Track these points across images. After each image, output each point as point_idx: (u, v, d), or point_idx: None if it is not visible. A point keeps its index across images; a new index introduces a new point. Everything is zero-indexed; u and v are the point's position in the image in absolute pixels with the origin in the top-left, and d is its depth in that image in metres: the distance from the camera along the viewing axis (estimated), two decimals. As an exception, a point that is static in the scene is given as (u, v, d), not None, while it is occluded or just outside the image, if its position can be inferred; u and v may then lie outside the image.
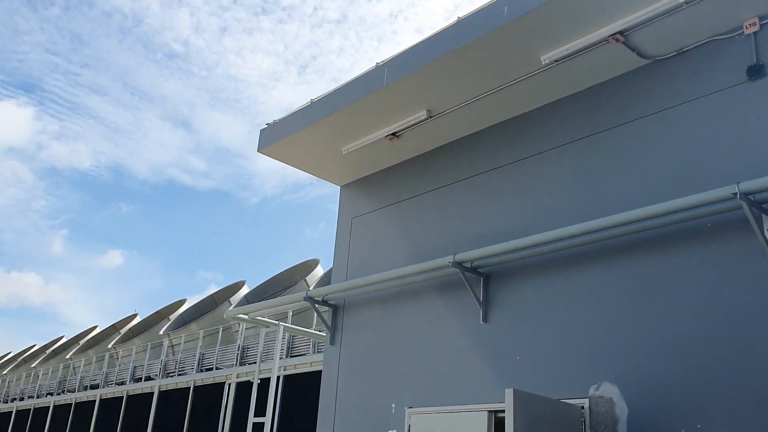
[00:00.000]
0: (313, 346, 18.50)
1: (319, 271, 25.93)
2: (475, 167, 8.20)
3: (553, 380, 6.65)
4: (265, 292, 28.07)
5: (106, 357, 29.80)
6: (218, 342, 22.79)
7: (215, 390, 21.48)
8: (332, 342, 9.31)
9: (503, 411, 7.19)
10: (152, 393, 24.56)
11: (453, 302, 7.82)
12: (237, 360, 21.07)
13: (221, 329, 23.39)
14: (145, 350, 28.39)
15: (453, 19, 7.25)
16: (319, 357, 18.32)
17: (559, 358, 6.70)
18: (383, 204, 9.31)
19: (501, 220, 7.75)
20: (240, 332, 21.77)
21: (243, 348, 21.20)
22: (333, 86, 8.56)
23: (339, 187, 10.18)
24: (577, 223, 6.72)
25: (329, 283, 9.64)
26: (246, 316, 10.84)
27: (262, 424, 10.99)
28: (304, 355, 19.14)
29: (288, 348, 19.20)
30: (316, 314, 19.10)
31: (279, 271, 26.86)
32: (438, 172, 8.63)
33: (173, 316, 33.20)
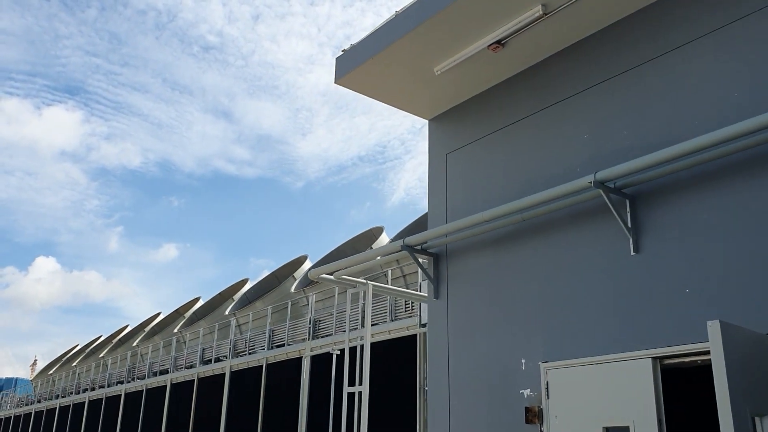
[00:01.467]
0: (390, 312, 17.38)
1: (384, 239, 24.75)
2: (602, 72, 6.81)
3: (741, 312, 5.29)
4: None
5: (174, 341, 29.29)
6: (288, 317, 21.86)
7: (288, 366, 20.61)
8: (437, 295, 8.09)
9: (671, 357, 5.89)
10: (223, 374, 23.87)
11: (592, 233, 6.50)
12: (309, 334, 20.11)
13: (290, 303, 22.46)
14: (212, 332, 27.76)
15: None
16: (397, 325, 17.21)
17: (748, 284, 5.33)
18: (484, 132, 7.99)
19: (642, 130, 6.37)
20: (310, 305, 20.79)
21: (315, 321, 20.22)
22: None
23: (426, 123, 8.91)
24: (747, 118, 5.31)
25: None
26: (331, 276, 9.72)
27: (353, 393, 9.96)
28: (376, 324, 18.02)
29: (362, 317, 18.11)
30: (389, 279, 17.76)
31: (342, 242, 25.79)
32: (552, 85, 7.26)
33: (237, 296, 32.54)
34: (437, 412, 7.63)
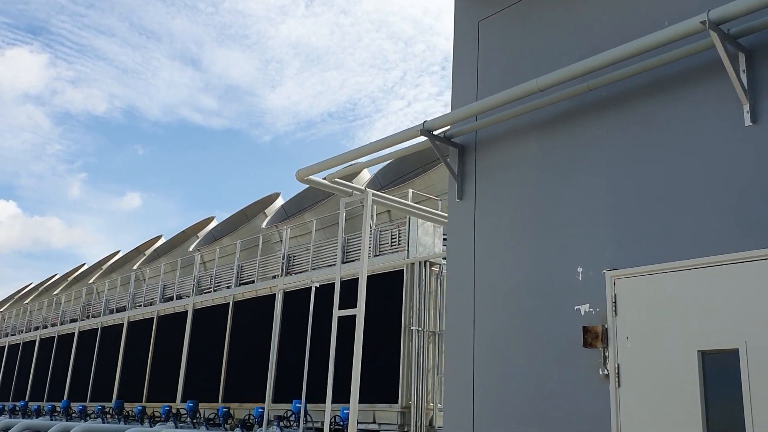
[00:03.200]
0: (375, 247, 15.82)
1: (365, 175, 23.10)
2: None
3: None
4: (303, 202, 25.37)
5: (132, 278, 27.42)
6: (258, 254, 20.19)
7: (257, 303, 19.02)
8: (461, 195, 6.53)
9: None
10: (185, 312, 22.19)
11: (689, 100, 4.94)
12: (282, 270, 18.48)
13: (261, 239, 20.79)
14: (174, 270, 25.98)
15: None
16: (381, 260, 15.66)
17: None
18: (531, -9, 6.35)
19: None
20: (284, 240, 19.12)
21: (288, 257, 18.59)
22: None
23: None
24: None
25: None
26: (323, 180, 8.08)
27: (346, 317, 8.57)
28: (354, 261, 16.45)
29: (343, 253, 16.52)
30: (375, 214, 16.00)
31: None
32: None
33: (202, 234, 30.70)
34: (458, 339, 6.12)
